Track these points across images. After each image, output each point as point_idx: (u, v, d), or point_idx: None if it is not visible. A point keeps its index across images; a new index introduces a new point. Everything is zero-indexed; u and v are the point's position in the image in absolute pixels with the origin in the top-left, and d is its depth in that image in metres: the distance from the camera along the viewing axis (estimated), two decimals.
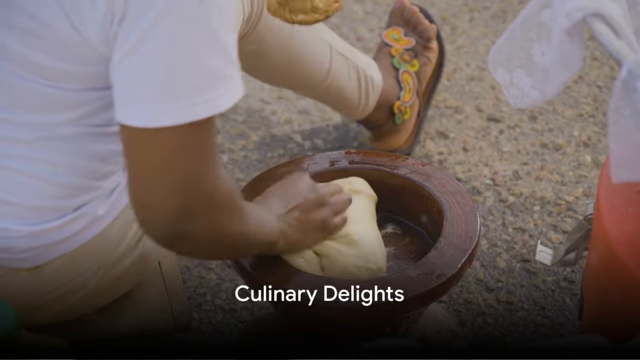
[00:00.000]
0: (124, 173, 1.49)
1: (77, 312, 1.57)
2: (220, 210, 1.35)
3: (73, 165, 1.43)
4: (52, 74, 1.34)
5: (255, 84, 2.51)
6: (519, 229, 2.12)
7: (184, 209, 1.31)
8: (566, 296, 1.98)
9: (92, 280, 1.53)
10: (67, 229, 1.46)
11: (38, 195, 1.43)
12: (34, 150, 1.40)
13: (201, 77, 1.28)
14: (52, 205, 1.44)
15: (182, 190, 1.30)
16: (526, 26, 1.38)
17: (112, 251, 1.52)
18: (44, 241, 1.45)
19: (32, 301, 1.50)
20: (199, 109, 1.27)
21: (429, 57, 2.26)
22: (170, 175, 1.30)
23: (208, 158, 1.31)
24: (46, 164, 1.41)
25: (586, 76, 2.52)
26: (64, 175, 1.43)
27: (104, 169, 1.46)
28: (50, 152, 1.41)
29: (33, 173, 1.41)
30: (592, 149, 2.31)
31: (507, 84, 1.43)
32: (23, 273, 1.47)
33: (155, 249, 1.59)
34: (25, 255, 1.46)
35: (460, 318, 1.94)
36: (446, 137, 2.34)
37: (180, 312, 1.62)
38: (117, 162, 1.47)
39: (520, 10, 2.72)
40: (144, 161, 1.30)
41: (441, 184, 1.70)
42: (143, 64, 1.27)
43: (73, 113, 1.39)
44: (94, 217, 1.48)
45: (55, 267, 1.48)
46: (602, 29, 1.23)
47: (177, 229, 1.32)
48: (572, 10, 1.24)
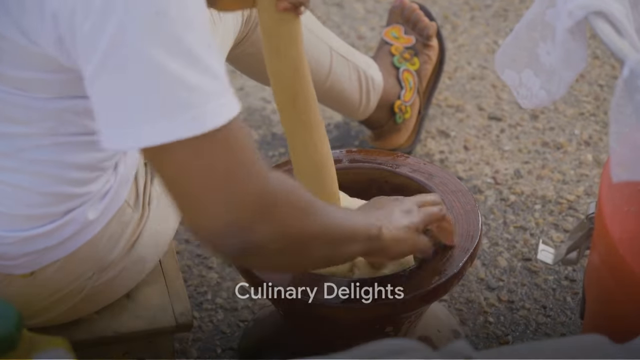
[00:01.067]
0: (115, 174, 1.49)
1: (77, 315, 1.57)
2: (280, 211, 1.26)
3: (55, 174, 1.41)
4: (22, 84, 1.32)
5: (256, 83, 2.50)
6: (520, 227, 2.12)
7: (238, 221, 1.23)
8: (567, 295, 1.98)
9: (88, 284, 1.52)
10: (58, 234, 1.45)
11: (24, 204, 1.42)
12: (14, 161, 1.39)
13: (185, 93, 1.19)
14: (39, 213, 1.43)
15: (228, 202, 1.22)
16: (531, 26, 1.38)
17: (106, 255, 1.51)
18: (36, 247, 1.45)
19: (29, 306, 1.49)
20: (209, 116, 1.20)
21: (429, 55, 2.26)
22: (210, 190, 1.22)
23: (245, 162, 1.23)
24: (28, 174, 1.40)
25: (587, 75, 2.52)
26: (47, 185, 1.41)
27: (88, 176, 1.45)
28: (31, 163, 1.39)
29: (17, 183, 1.40)
30: (593, 148, 2.31)
31: (516, 85, 1.43)
32: (19, 279, 1.47)
33: (154, 250, 1.59)
34: (19, 262, 1.46)
35: (462, 317, 1.94)
36: (447, 136, 2.34)
37: (181, 311, 1.62)
38: (102, 167, 1.45)
39: (521, 8, 2.72)
40: (179, 184, 1.23)
41: (442, 182, 1.70)
42: (127, 87, 1.19)
43: (48, 123, 1.36)
44: (85, 221, 1.47)
45: (50, 273, 1.48)
46: (605, 28, 1.23)
47: (241, 244, 1.24)
48: (575, 9, 1.24)
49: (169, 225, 1.61)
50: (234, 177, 1.22)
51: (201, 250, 2.08)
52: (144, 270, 1.61)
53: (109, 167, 1.47)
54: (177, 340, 1.89)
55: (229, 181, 1.22)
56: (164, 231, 1.60)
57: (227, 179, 1.22)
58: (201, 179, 1.22)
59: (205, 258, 2.06)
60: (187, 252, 2.07)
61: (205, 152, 1.21)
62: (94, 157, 1.43)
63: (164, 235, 1.61)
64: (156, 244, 1.59)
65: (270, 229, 1.25)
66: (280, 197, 1.26)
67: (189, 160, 1.21)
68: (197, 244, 2.08)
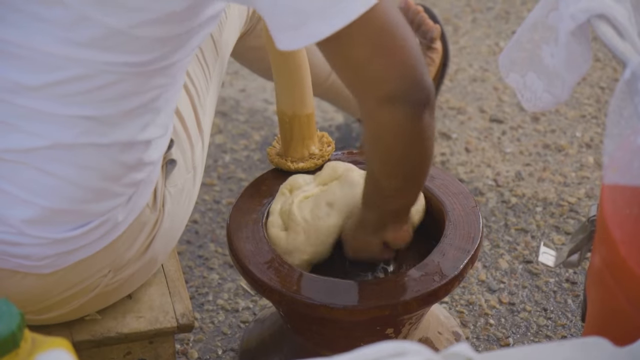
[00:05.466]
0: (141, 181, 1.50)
1: (85, 312, 1.58)
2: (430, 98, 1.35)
3: (103, 169, 1.43)
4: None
5: (258, 84, 2.51)
6: (521, 230, 2.12)
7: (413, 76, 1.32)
8: (568, 297, 1.98)
9: (102, 282, 1.53)
10: (89, 236, 1.46)
11: (67, 198, 1.42)
12: (72, 155, 1.40)
13: None
14: (79, 209, 1.44)
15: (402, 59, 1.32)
16: (534, 29, 1.37)
17: (123, 254, 1.52)
18: (65, 249, 1.45)
19: (40, 301, 1.50)
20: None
21: (433, 57, 2.26)
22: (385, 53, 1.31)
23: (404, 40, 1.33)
24: (77, 167, 1.41)
25: (589, 77, 2.52)
26: (92, 179, 1.43)
27: (130, 176, 1.47)
28: (85, 156, 1.41)
29: (64, 175, 1.41)
30: (594, 150, 2.31)
31: (521, 88, 1.43)
32: (34, 276, 1.47)
33: (164, 251, 1.60)
34: (43, 262, 1.46)
35: (462, 319, 1.94)
36: (449, 138, 2.34)
37: (182, 312, 1.62)
38: (142, 169, 1.48)
39: (523, 10, 2.72)
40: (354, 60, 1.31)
41: (444, 184, 1.70)
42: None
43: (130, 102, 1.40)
44: (115, 222, 1.48)
45: (67, 271, 1.48)
46: (607, 31, 1.23)
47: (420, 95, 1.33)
48: (577, 12, 1.24)
49: (178, 228, 1.62)
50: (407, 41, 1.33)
51: (202, 252, 2.08)
52: (153, 270, 1.61)
53: (149, 170, 1.48)
54: (178, 341, 1.89)
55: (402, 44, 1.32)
56: (173, 233, 1.61)
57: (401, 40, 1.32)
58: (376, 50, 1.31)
59: (207, 259, 2.06)
60: (189, 253, 2.08)
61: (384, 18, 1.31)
62: (139, 158, 1.46)
63: (173, 237, 1.61)
64: (166, 245, 1.60)
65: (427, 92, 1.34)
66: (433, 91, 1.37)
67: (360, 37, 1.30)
68: (199, 245, 2.09)
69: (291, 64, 1.60)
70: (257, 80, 2.53)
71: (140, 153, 1.46)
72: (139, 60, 1.37)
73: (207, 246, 2.09)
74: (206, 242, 2.10)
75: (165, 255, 1.62)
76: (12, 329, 1.02)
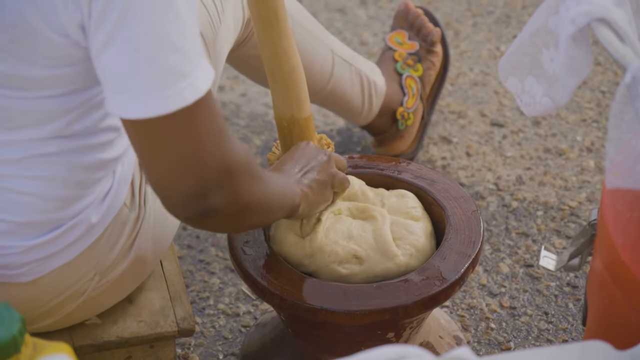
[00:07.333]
0: (114, 175, 1.50)
1: (81, 318, 1.57)
2: (238, 180, 1.34)
3: (62, 178, 1.43)
4: (37, 84, 1.34)
5: (258, 89, 2.51)
6: (522, 234, 2.12)
7: (202, 185, 1.31)
8: (569, 301, 1.98)
9: (89, 286, 1.52)
10: (63, 239, 1.46)
11: (32, 211, 1.43)
12: (22, 168, 1.40)
13: (181, 61, 1.27)
14: (46, 219, 1.44)
15: (195, 168, 1.30)
16: (535, 34, 1.38)
17: (106, 256, 1.52)
18: (40, 254, 1.45)
19: (31, 310, 1.50)
20: (187, 92, 1.27)
21: (433, 61, 2.25)
22: (179, 157, 1.30)
23: (214, 133, 1.31)
24: (35, 180, 1.41)
25: (590, 81, 2.52)
26: (54, 189, 1.42)
27: (93, 177, 1.46)
28: (38, 168, 1.41)
29: (23, 190, 1.41)
30: (595, 154, 2.31)
31: (519, 92, 1.43)
32: (18, 286, 1.47)
33: (154, 250, 1.59)
34: (22, 270, 1.46)
35: (464, 323, 1.94)
36: (449, 142, 2.34)
37: (183, 316, 1.62)
38: (105, 167, 1.47)
39: (523, 15, 2.72)
40: (151, 150, 1.30)
41: (444, 188, 1.70)
42: (123, 58, 1.26)
43: (59, 123, 1.39)
44: (88, 225, 1.48)
45: (50, 278, 1.48)
46: (607, 35, 1.23)
47: (201, 206, 1.32)
48: (577, 16, 1.24)
49: (167, 226, 1.61)
50: (207, 145, 1.30)
51: (203, 256, 2.08)
52: (144, 271, 1.61)
53: (112, 167, 1.48)
54: (179, 346, 1.89)
55: (199, 150, 1.30)
56: (162, 232, 1.60)
57: (200, 146, 1.30)
58: (176, 146, 1.30)
59: (208, 264, 2.06)
60: (189, 257, 2.08)
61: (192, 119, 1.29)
62: (98, 158, 1.45)
63: (163, 236, 1.61)
64: (155, 244, 1.59)
65: (227, 195, 1.33)
66: (241, 167, 1.35)
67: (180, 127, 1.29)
68: (200, 250, 2.09)
69: (285, 68, 1.59)
70: (258, 84, 2.53)
71: (99, 153, 1.45)
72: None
73: (208, 250, 2.09)
74: (207, 246, 2.10)
75: (157, 254, 1.61)
76: (13, 333, 1.02)
